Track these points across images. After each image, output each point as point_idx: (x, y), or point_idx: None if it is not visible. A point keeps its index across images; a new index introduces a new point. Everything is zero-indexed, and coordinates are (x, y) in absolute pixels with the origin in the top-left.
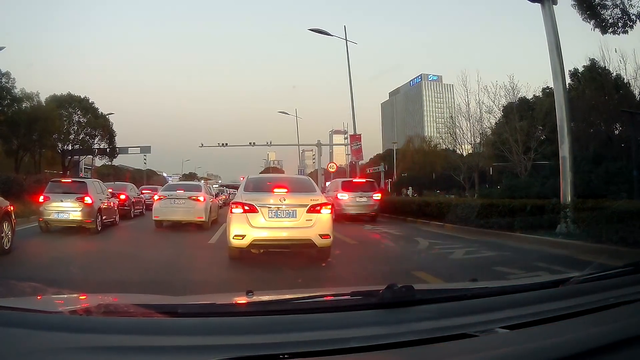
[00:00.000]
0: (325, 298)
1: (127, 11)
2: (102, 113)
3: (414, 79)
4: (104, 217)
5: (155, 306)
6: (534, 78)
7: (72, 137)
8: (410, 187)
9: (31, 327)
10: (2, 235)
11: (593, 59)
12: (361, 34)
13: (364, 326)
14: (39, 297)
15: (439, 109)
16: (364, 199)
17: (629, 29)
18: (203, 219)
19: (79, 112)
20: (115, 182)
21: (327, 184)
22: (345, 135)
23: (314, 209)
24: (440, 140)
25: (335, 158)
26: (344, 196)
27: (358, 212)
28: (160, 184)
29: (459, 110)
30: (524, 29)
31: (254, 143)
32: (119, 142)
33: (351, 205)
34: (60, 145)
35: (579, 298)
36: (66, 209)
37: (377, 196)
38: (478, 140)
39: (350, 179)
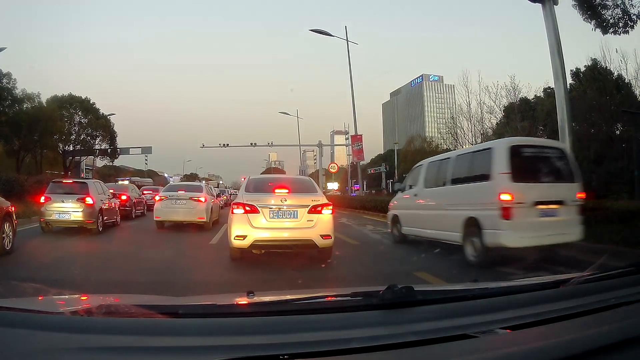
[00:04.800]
0: (326, 299)
1: (128, 12)
2: (103, 113)
3: (415, 79)
4: (105, 218)
5: (157, 307)
6: (535, 78)
7: (73, 137)
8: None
9: (32, 328)
10: (4, 235)
11: (594, 59)
12: (362, 34)
13: (364, 327)
14: (40, 298)
15: (440, 110)
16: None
17: (629, 29)
18: (204, 220)
19: (80, 113)
20: (117, 183)
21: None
22: (347, 136)
23: (315, 209)
24: (442, 141)
25: (337, 158)
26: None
27: None
28: (162, 185)
29: (460, 110)
30: (525, 30)
31: (255, 144)
32: (120, 143)
33: None
34: (61, 145)
35: (580, 299)
36: (67, 209)
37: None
38: (479, 140)
39: None
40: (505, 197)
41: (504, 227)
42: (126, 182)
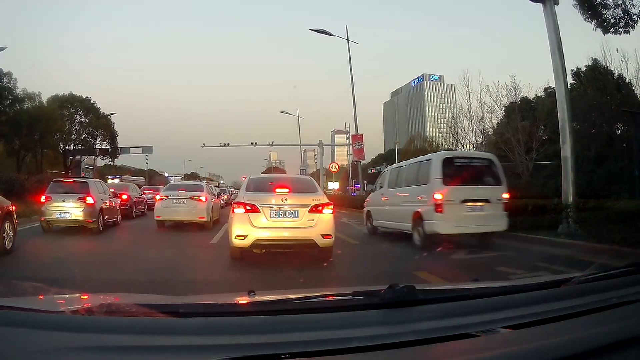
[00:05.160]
0: (327, 298)
1: (129, 11)
2: (103, 113)
3: (415, 78)
4: (105, 217)
5: (157, 306)
6: (536, 78)
7: (73, 137)
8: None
9: (33, 327)
10: (4, 235)
11: (595, 59)
12: (363, 34)
13: (365, 326)
14: (40, 297)
15: (441, 109)
16: None
17: (630, 29)
18: (205, 219)
19: (80, 112)
20: (117, 182)
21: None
22: (347, 135)
23: (315, 209)
24: (442, 140)
25: (337, 158)
26: None
27: None
28: (163, 184)
29: (461, 110)
30: (525, 29)
31: (255, 143)
32: (121, 142)
33: None
34: (62, 145)
35: (580, 298)
36: (68, 208)
37: None
38: (480, 140)
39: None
40: (438, 196)
41: (437, 219)
42: (116, 181)
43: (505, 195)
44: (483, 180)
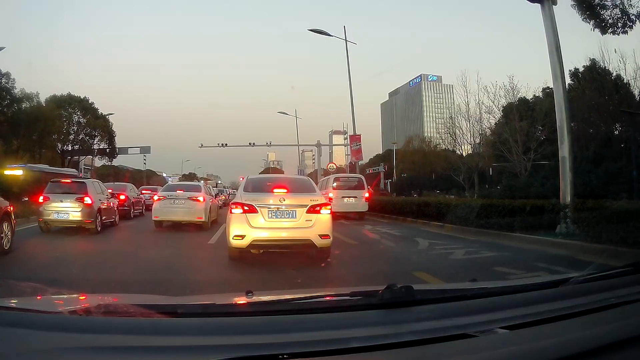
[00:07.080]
0: (325, 298)
1: (127, 11)
2: (101, 113)
3: (413, 79)
4: (103, 218)
5: (155, 306)
6: (534, 78)
7: (71, 137)
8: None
9: (31, 327)
10: (2, 235)
11: (593, 59)
12: (361, 34)
13: (363, 326)
14: (38, 297)
15: (439, 110)
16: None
17: (628, 29)
18: (203, 219)
19: (78, 113)
20: (115, 183)
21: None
22: (345, 136)
23: (313, 209)
24: (440, 141)
25: (335, 158)
26: None
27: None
28: (160, 184)
29: (459, 110)
30: (524, 29)
31: (253, 143)
32: (119, 143)
33: None
34: (60, 145)
35: (579, 298)
36: (66, 209)
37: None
38: (478, 140)
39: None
40: (330, 194)
41: (332, 205)
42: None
43: (366, 195)
44: (354, 187)
